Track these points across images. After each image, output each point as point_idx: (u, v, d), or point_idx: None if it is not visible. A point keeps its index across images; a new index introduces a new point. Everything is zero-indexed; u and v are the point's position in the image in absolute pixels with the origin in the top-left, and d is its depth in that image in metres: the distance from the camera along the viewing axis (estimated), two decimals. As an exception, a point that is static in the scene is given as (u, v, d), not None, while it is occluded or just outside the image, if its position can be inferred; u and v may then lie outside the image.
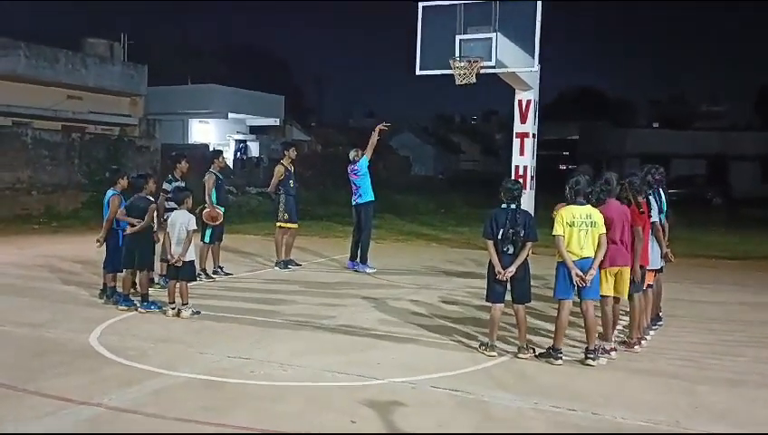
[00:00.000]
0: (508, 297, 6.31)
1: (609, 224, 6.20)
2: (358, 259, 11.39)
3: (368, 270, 11.20)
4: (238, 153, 33.49)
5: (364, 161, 11.22)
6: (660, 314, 7.78)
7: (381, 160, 24.61)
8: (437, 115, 77.64)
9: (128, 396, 5.02)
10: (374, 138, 11.33)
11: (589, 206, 6.11)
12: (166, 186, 9.40)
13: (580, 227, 5.99)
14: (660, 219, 7.02)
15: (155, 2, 70.49)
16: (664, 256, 7.14)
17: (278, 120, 35.98)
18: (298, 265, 11.60)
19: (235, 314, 7.81)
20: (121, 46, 28.34)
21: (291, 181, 11.19)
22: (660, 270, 7.25)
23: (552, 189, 6.23)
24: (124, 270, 7.92)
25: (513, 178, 12.59)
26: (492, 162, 57.47)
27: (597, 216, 6.06)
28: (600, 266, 6.10)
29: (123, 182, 8.29)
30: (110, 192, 8.22)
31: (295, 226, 11.37)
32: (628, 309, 6.78)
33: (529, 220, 6.21)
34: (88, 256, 10.98)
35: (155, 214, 7.97)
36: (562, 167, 44.58)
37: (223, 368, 5.75)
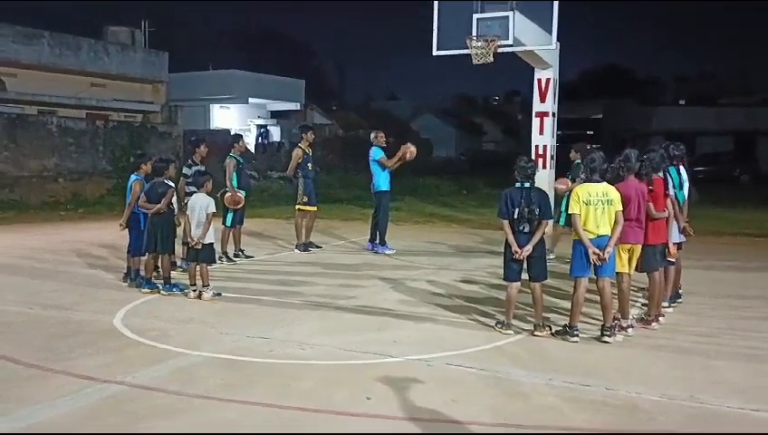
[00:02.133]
0: (525, 276, 6.34)
1: (626, 201, 6.18)
2: (377, 241, 11.46)
3: (387, 251, 11.27)
4: (259, 138, 33.68)
5: (376, 151, 11.17)
6: (680, 291, 7.74)
7: (402, 143, 24.56)
8: (459, 96, 77.02)
9: (150, 374, 5.16)
10: (397, 158, 11.17)
11: (605, 183, 6.08)
12: (186, 170, 9.54)
13: (596, 206, 5.97)
14: (676, 195, 6.96)
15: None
16: (682, 231, 7.08)
17: (299, 104, 36.11)
18: (318, 247, 11.71)
19: (256, 295, 7.94)
20: (142, 33, 28.58)
21: (309, 164, 11.25)
22: (680, 247, 7.20)
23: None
24: (147, 254, 8.08)
25: (532, 157, 12.55)
26: (514, 143, 56.92)
27: (613, 193, 6.04)
28: (614, 244, 6.09)
29: (147, 167, 8.41)
30: (133, 177, 8.36)
31: (314, 209, 11.45)
32: (648, 286, 6.76)
33: (544, 199, 6.20)
34: (113, 240, 11.21)
35: (174, 197, 8.10)
36: (587, 147, 43.99)
37: (243, 347, 5.87)
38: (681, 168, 7.37)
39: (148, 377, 5.09)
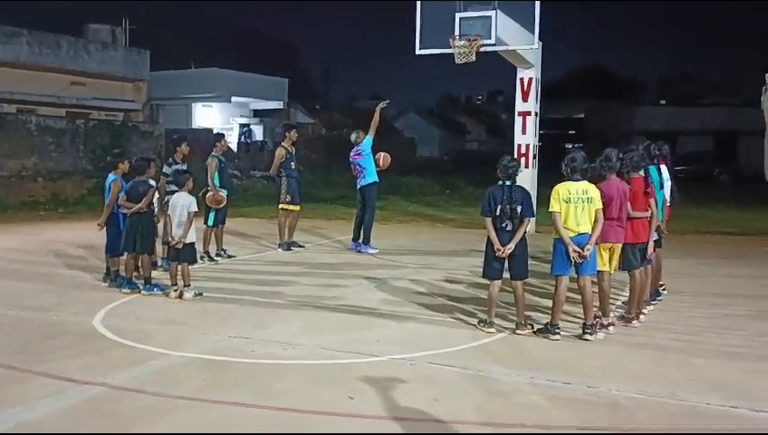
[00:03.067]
0: (506, 275, 6.36)
1: (607, 200, 6.22)
2: (361, 240, 11.45)
3: (370, 250, 11.26)
4: (242, 137, 33.52)
5: (368, 141, 11.24)
6: (660, 289, 7.81)
7: (386, 142, 24.57)
8: (443, 96, 77.32)
9: (131, 375, 5.11)
10: (376, 117, 11.34)
11: (585, 182, 6.12)
12: (166, 169, 9.47)
13: (576, 204, 6.01)
14: (655, 194, 7.00)
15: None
16: (657, 229, 7.14)
17: (282, 103, 35.95)
18: (301, 246, 11.68)
19: (238, 295, 7.90)
20: (123, 31, 28.31)
21: (292, 163, 11.22)
22: (659, 245, 7.26)
23: (558, 169, 6.25)
24: (126, 253, 8.01)
25: (515, 156, 12.61)
26: (497, 142, 57.17)
27: (593, 191, 6.08)
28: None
29: (124, 166, 8.35)
30: (111, 176, 8.28)
31: (298, 208, 11.42)
32: (629, 284, 6.81)
33: (526, 197, 6.23)
34: (93, 240, 11.07)
35: (155, 197, 8.03)
36: (568, 146, 44.39)
37: (224, 347, 5.84)
38: (663, 167, 7.44)
39: (129, 378, 5.05)
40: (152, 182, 8.07)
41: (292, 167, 11.21)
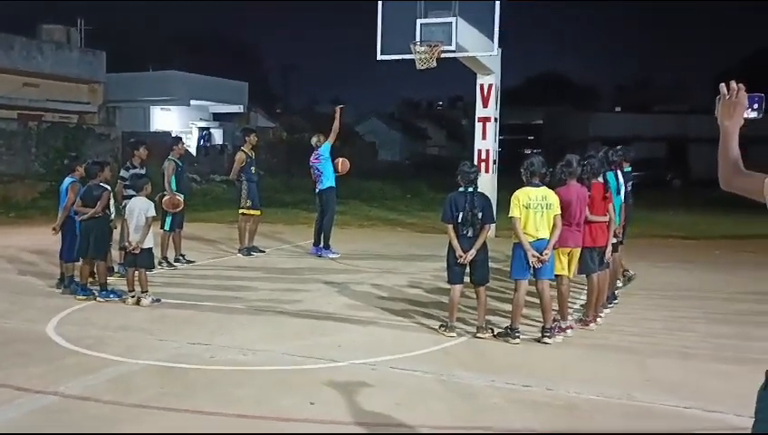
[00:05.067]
0: (467, 279, 6.40)
1: (566, 205, 6.32)
2: (321, 244, 11.41)
3: (331, 255, 11.22)
4: (201, 141, 33.11)
5: (327, 146, 11.23)
6: (617, 292, 7.97)
7: (347, 146, 24.53)
8: (404, 101, 77.56)
9: (84, 384, 4.98)
10: (336, 123, 11.33)
11: (544, 187, 6.21)
12: (123, 173, 9.29)
13: (535, 209, 6.09)
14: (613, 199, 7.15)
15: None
16: (614, 234, 7.26)
17: (242, 106, 35.63)
18: (261, 251, 11.57)
19: (197, 301, 7.78)
20: (78, 32, 27.71)
21: (252, 168, 11.13)
22: (615, 249, 7.40)
23: (517, 174, 6.33)
24: (80, 259, 7.81)
25: (475, 161, 12.73)
26: (458, 147, 57.66)
27: (552, 197, 6.17)
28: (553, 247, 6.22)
29: (81, 170, 8.14)
30: (68, 179, 8.07)
31: (258, 212, 11.33)
32: (587, 288, 6.93)
33: (487, 203, 6.29)
34: (46, 245, 10.78)
35: (111, 201, 7.86)
36: (527, 151, 45.03)
37: (183, 354, 5.73)
38: (619, 172, 7.59)
39: (83, 387, 4.92)
40: (106, 186, 7.89)
41: (253, 171, 11.12)
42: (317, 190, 11.44)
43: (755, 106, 2.39)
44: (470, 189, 6.22)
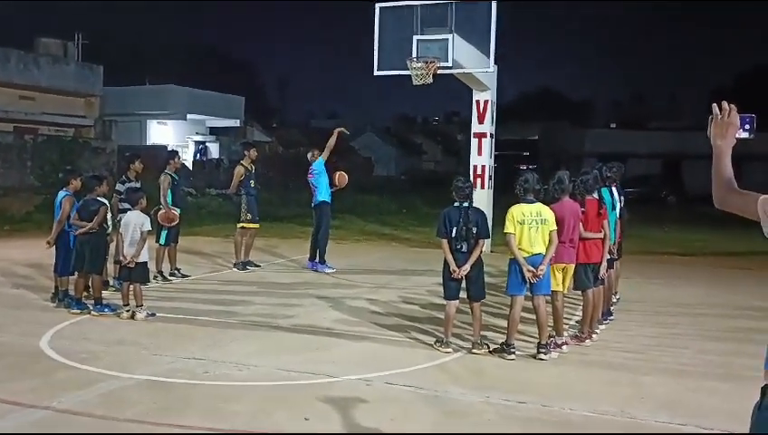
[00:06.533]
0: (462, 294, 6.41)
1: (560, 222, 6.34)
2: (317, 259, 11.40)
3: (327, 270, 11.22)
4: (198, 154, 33.13)
5: (320, 162, 11.25)
6: (612, 308, 7.97)
7: (344, 161, 24.56)
8: (400, 116, 78.01)
9: (78, 398, 4.95)
10: (332, 140, 11.37)
11: (539, 203, 6.24)
12: (119, 186, 9.28)
13: (530, 225, 6.11)
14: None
15: (111, 1, 69.10)
16: (609, 251, 7.29)
17: (238, 121, 35.73)
18: (257, 265, 11.56)
19: (191, 315, 7.75)
20: (75, 46, 27.80)
21: (252, 181, 11.15)
22: (611, 266, 7.42)
23: (513, 189, 6.35)
24: (75, 273, 7.79)
25: (470, 177, 12.77)
26: (453, 163, 57.85)
27: (547, 213, 6.19)
28: (548, 263, 6.23)
29: (76, 183, 8.13)
30: (62, 193, 8.06)
31: (257, 226, 11.36)
32: (582, 304, 6.94)
33: (481, 218, 6.31)
34: (40, 259, 10.73)
35: (108, 215, 7.85)
36: (522, 167, 45.18)
37: (177, 369, 5.71)
38: (614, 189, 7.63)
39: (76, 401, 4.89)
40: (104, 200, 7.88)
41: (252, 185, 11.14)
42: (312, 205, 11.47)
43: (746, 127, 2.42)
44: (465, 204, 6.24)
